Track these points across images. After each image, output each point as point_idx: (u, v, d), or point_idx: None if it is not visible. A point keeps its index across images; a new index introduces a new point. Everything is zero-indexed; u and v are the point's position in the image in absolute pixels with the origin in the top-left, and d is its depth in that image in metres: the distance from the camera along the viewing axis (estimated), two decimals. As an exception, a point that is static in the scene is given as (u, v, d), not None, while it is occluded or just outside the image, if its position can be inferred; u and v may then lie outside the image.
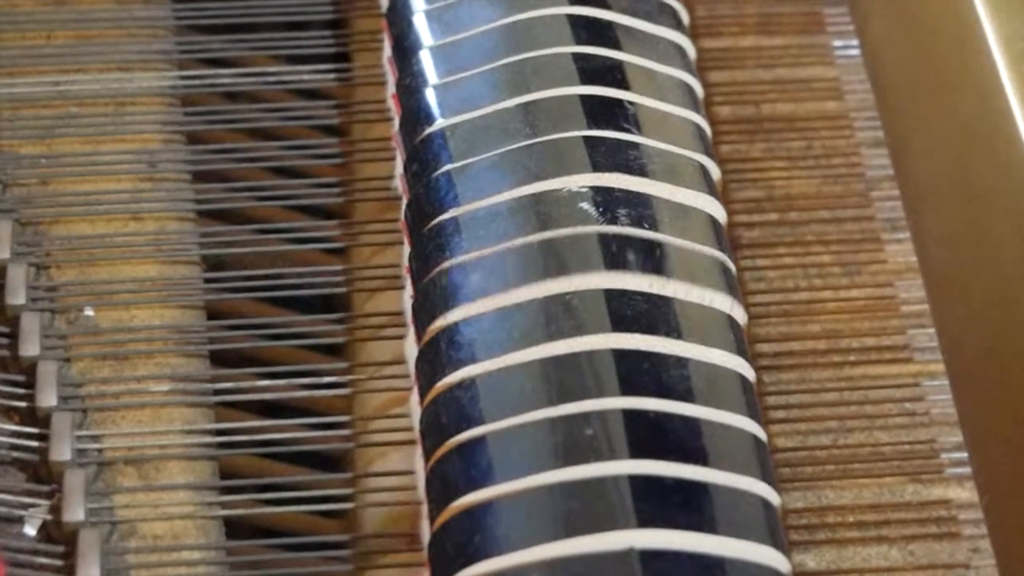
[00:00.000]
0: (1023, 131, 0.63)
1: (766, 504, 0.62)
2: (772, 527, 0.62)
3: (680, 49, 0.75)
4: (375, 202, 0.78)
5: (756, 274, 0.77)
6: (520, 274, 0.66)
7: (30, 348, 0.71)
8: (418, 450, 0.65)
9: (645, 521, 0.60)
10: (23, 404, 0.70)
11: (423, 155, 0.71)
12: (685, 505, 0.61)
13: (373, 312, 0.75)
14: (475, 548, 0.60)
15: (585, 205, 0.67)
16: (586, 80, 0.71)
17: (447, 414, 0.64)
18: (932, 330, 0.73)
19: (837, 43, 0.83)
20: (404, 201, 0.71)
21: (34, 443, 0.69)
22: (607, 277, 0.66)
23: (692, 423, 0.63)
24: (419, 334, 0.67)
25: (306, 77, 0.81)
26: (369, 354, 0.74)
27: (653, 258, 0.66)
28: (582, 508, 0.60)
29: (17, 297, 0.72)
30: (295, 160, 0.79)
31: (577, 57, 0.72)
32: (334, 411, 0.73)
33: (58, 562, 0.66)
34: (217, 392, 0.71)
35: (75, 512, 0.66)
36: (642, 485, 0.61)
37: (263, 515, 0.70)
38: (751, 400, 0.65)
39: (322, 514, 0.71)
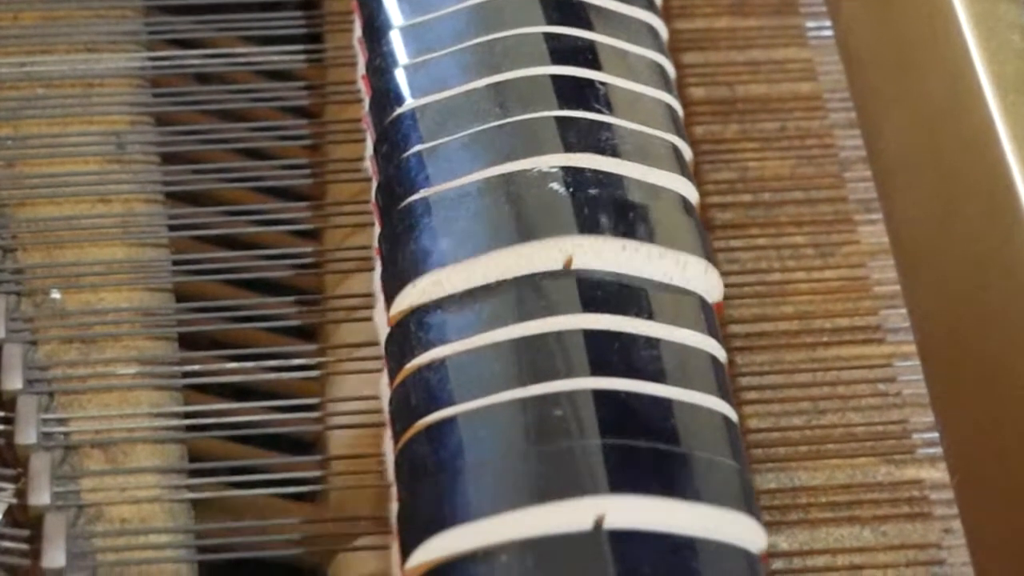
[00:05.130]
0: (993, 110, 0.63)
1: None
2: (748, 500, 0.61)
3: (652, 29, 0.74)
4: (347, 183, 0.77)
5: (729, 255, 0.77)
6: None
7: (-4, 331, 0.70)
8: (387, 432, 0.65)
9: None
10: (-12, 388, 0.70)
11: (393, 136, 0.70)
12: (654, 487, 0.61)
13: (345, 294, 0.75)
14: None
15: (555, 185, 0.67)
16: (557, 60, 0.71)
17: (416, 396, 0.64)
18: (904, 311, 0.73)
19: (810, 24, 0.83)
20: (374, 182, 0.71)
21: (-1, 426, 0.69)
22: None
23: (662, 404, 0.63)
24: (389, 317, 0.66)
25: (275, 58, 0.80)
26: (341, 336, 0.74)
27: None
28: (551, 487, 0.60)
29: (-17, 280, 0.72)
30: (265, 142, 0.79)
31: (548, 37, 0.71)
32: (305, 394, 0.73)
33: (24, 546, 0.66)
34: (185, 375, 0.70)
35: (41, 496, 0.66)
36: (611, 466, 0.61)
37: (232, 498, 0.70)
38: (722, 381, 0.64)
39: (292, 497, 0.71)
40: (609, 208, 0.66)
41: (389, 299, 0.66)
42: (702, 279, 0.66)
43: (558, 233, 0.65)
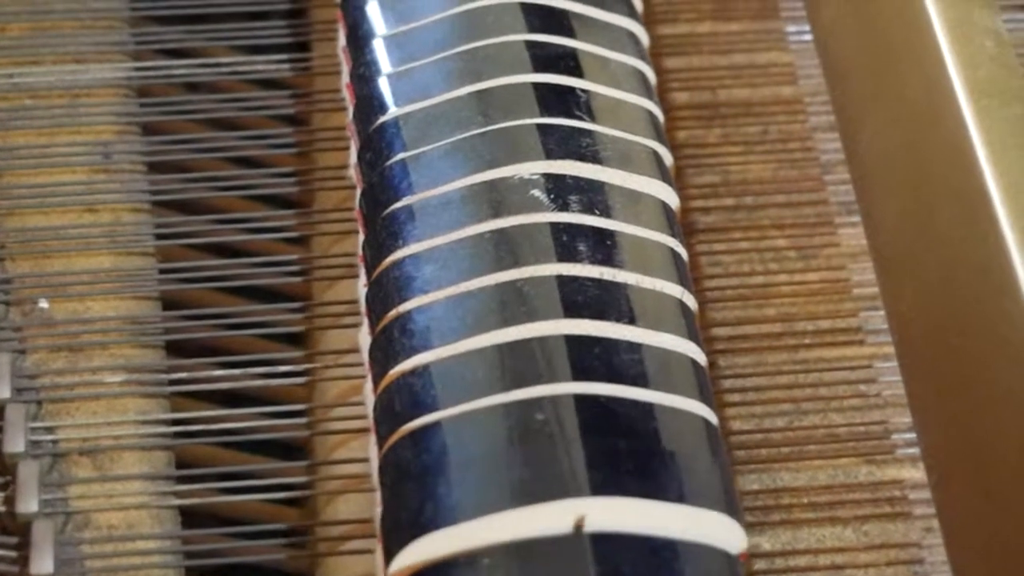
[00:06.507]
0: (967, 114, 0.63)
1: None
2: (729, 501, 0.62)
3: (633, 36, 0.75)
4: (334, 191, 0.78)
5: (712, 259, 0.77)
6: (473, 263, 0.66)
7: (-16, 341, 0.71)
8: (372, 437, 0.65)
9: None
10: (-23, 397, 0.70)
11: (377, 144, 0.71)
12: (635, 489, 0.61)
13: (331, 301, 0.75)
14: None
15: (537, 192, 0.68)
16: (539, 68, 0.71)
17: (400, 401, 0.64)
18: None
19: (791, 28, 0.84)
20: (359, 190, 0.71)
21: (-13, 435, 0.69)
22: (558, 264, 0.66)
23: (643, 407, 0.63)
24: (372, 322, 0.67)
25: (260, 67, 0.81)
26: (328, 343, 0.74)
27: (604, 245, 0.67)
28: (533, 489, 0.61)
29: (-29, 290, 0.72)
30: (252, 150, 0.79)
31: (529, 45, 0.72)
32: (292, 400, 0.73)
33: (12, 553, 0.66)
34: (172, 382, 0.71)
35: (28, 503, 0.66)
36: (592, 469, 0.61)
37: (221, 504, 0.70)
38: (703, 384, 0.65)
39: (281, 502, 0.71)
40: (588, 230, 0.66)
41: (372, 318, 0.66)
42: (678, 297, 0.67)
43: (537, 258, 0.65)
